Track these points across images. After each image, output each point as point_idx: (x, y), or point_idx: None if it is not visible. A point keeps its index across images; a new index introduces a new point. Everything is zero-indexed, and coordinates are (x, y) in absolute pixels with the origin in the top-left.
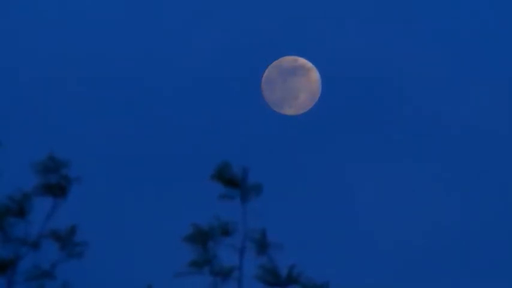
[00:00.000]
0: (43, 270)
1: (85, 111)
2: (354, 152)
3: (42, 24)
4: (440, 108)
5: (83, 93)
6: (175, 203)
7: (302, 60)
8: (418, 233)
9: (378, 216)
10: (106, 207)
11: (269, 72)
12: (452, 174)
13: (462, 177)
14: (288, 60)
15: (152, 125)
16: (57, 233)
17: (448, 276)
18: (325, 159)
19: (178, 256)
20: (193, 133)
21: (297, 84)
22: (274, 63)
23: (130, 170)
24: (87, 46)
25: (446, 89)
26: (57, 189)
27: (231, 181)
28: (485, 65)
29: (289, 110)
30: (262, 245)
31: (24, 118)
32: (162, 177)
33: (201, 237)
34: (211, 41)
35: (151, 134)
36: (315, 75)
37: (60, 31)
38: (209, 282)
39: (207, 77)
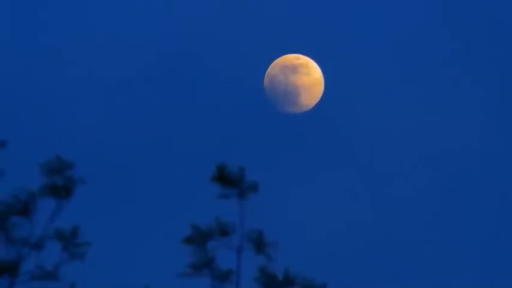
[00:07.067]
0: (46, 271)
1: (91, 112)
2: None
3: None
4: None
5: (89, 94)
6: (175, 204)
7: (304, 58)
8: None
9: (376, 214)
10: (105, 210)
11: (271, 70)
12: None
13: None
14: (290, 58)
15: (152, 126)
16: (60, 233)
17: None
18: (325, 158)
19: (178, 257)
20: (194, 133)
21: (299, 82)
22: (276, 61)
23: (131, 171)
24: (97, 46)
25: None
26: (61, 191)
27: (229, 181)
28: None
29: (290, 109)
30: (260, 245)
31: (30, 118)
32: (162, 177)
33: (200, 238)
34: (212, 40)
35: (151, 134)
36: (317, 73)
37: (63, 32)
38: (208, 284)
39: (207, 76)
